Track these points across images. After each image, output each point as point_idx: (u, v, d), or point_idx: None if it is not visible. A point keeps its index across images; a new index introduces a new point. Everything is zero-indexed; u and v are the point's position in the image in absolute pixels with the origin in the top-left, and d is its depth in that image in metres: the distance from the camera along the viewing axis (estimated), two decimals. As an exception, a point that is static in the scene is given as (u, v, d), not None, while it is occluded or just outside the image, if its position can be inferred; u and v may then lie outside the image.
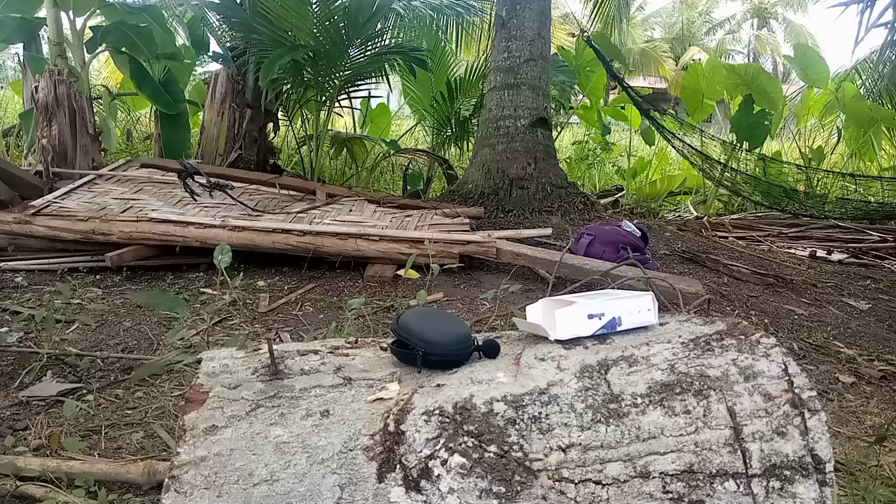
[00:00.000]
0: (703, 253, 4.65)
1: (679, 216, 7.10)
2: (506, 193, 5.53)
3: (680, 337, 1.40)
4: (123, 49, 5.70)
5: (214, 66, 6.98)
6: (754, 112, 7.41)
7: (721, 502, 1.16)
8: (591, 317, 1.45)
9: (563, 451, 1.17)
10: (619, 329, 1.46)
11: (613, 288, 2.99)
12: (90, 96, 5.64)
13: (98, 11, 5.91)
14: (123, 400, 2.27)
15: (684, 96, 8.63)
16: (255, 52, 5.81)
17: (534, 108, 5.72)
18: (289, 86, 6.36)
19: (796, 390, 1.24)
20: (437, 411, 1.22)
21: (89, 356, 2.55)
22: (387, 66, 6.60)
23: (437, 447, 1.17)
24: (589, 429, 1.20)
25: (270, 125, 6.55)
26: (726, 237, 5.73)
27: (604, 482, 1.16)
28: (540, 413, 1.21)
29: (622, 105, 9.26)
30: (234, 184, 4.90)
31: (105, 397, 2.28)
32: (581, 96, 9.50)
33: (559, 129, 8.81)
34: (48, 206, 4.13)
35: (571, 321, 1.44)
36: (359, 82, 6.65)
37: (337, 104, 6.72)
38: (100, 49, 5.81)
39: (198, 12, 6.68)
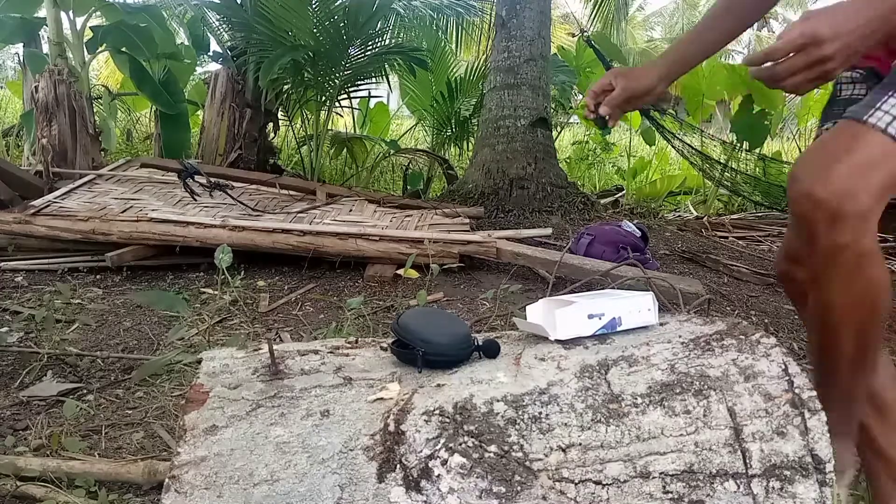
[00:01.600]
0: (703, 253, 4.64)
1: (679, 216, 7.09)
2: (506, 193, 5.52)
3: (680, 337, 1.40)
4: (123, 49, 5.70)
5: (214, 66, 6.98)
6: (754, 112, 7.40)
7: (721, 502, 1.16)
8: (591, 317, 1.45)
9: (564, 451, 1.17)
10: (619, 329, 1.46)
11: (613, 288, 2.99)
12: (90, 96, 5.64)
13: (98, 11, 5.92)
14: (124, 400, 2.27)
15: (684, 96, 8.62)
16: (255, 52, 5.80)
17: (534, 108, 5.72)
18: (289, 86, 6.36)
19: (796, 390, 1.24)
20: (437, 411, 1.22)
21: (89, 356, 2.55)
22: (387, 66, 6.61)
23: (438, 447, 1.17)
24: (589, 429, 1.20)
25: (270, 125, 6.55)
26: (726, 237, 5.72)
27: (604, 482, 1.16)
28: (540, 413, 1.21)
29: (622, 105, 9.23)
30: (234, 184, 4.90)
31: (105, 397, 2.28)
32: (581, 96, 9.49)
33: (559, 129, 8.80)
34: (48, 206, 4.13)
35: (571, 321, 1.44)
36: (359, 82, 6.65)
37: (337, 104, 6.72)
38: (100, 49, 5.81)
39: (198, 12, 6.67)
